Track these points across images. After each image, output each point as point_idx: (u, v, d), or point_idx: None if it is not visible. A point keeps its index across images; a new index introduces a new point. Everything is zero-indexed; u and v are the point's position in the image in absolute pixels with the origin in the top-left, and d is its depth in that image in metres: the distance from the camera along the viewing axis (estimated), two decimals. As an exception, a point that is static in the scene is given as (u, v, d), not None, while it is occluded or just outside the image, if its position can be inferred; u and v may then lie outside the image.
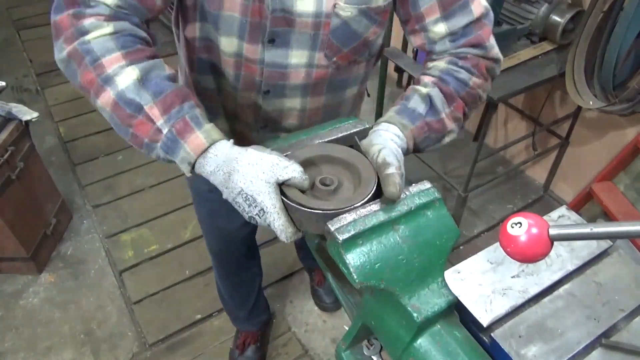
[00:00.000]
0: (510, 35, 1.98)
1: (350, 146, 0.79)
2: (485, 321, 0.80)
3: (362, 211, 0.66)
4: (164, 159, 0.77)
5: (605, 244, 0.92)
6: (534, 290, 0.85)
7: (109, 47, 0.74)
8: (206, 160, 0.73)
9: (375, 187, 0.70)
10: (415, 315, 0.64)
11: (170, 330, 2.02)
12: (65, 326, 2.05)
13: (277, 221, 0.68)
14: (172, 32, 1.03)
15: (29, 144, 2.13)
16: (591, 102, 1.87)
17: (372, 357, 0.82)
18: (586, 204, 2.28)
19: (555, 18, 1.96)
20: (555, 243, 0.57)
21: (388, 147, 0.75)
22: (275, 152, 0.72)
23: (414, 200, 0.68)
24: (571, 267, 0.88)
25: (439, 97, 0.86)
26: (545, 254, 0.57)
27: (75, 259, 2.31)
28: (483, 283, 0.86)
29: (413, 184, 0.71)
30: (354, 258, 0.63)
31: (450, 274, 0.87)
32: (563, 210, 0.99)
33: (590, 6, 1.79)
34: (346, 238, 0.63)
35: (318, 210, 0.67)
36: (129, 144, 0.77)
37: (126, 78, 0.73)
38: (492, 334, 0.79)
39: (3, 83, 2.00)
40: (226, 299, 1.75)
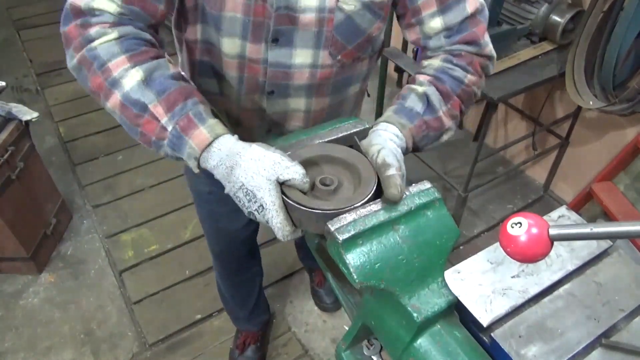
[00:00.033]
0: (510, 35, 1.98)
1: (350, 146, 0.79)
2: (485, 321, 0.80)
3: (362, 211, 0.66)
4: (172, 156, 0.78)
5: (605, 244, 0.92)
6: (534, 290, 0.85)
7: (114, 52, 0.76)
8: (210, 154, 0.73)
9: (375, 187, 0.70)
10: (415, 315, 0.64)
11: (170, 330, 2.02)
12: (65, 326, 2.05)
13: (276, 218, 0.68)
14: (172, 33, 1.03)
15: (29, 144, 2.13)
16: (591, 102, 1.87)
17: (372, 357, 0.82)
18: (586, 204, 2.28)
19: (555, 18, 1.96)
20: (555, 243, 0.57)
21: (387, 147, 0.75)
22: (279, 151, 0.72)
23: (414, 200, 0.68)
24: (571, 267, 0.88)
25: (436, 96, 0.87)
26: (545, 254, 0.57)
27: (75, 259, 2.31)
28: (483, 283, 0.86)
29: (413, 184, 0.71)
30: (354, 258, 0.63)
31: (450, 274, 0.87)
32: (563, 210, 0.99)
33: (590, 6, 1.79)
34: (346, 238, 0.63)
35: (318, 210, 0.67)
36: (129, 144, 0.78)
37: (131, 80, 0.75)
38: (492, 334, 0.79)
39: (3, 83, 2.00)
40: (227, 299, 1.75)
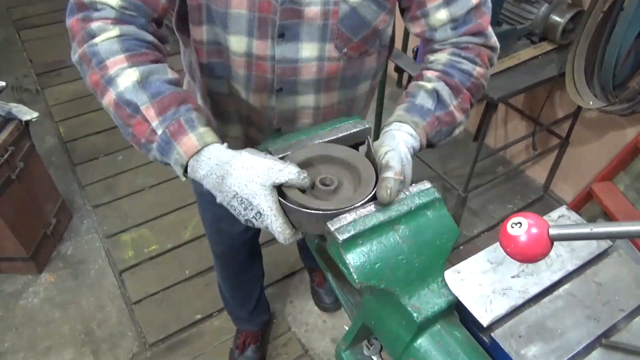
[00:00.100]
0: (510, 35, 1.98)
1: (358, 145, 0.79)
2: (485, 321, 0.80)
3: (362, 211, 0.66)
4: (161, 161, 0.78)
5: (605, 244, 0.92)
6: (534, 290, 0.85)
7: (114, 50, 0.76)
8: (199, 163, 0.72)
9: (375, 188, 0.70)
10: (415, 315, 0.64)
11: (170, 330, 2.02)
12: (65, 326, 2.05)
13: (275, 223, 0.68)
14: (174, 33, 1.03)
15: (29, 144, 2.13)
16: (591, 102, 1.87)
17: (372, 357, 0.82)
18: (586, 204, 2.28)
19: (555, 18, 1.96)
20: (555, 243, 0.57)
21: (397, 150, 0.75)
22: (269, 156, 0.72)
23: (414, 200, 0.68)
24: (571, 267, 0.88)
25: (446, 90, 0.87)
26: (545, 254, 0.57)
27: (75, 259, 2.31)
28: (483, 283, 0.86)
29: (413, 184, 0.71)
30: (354, 258, 0.63)
31: (450, 274, 0.87)
32: (563, 210, 0.98)
33: (590, 6, 1.79)
34: (346, 238, 0.63)
35: (318, 210, 0.67)
36: (129, 144, 0.78)
37: (126, 79, 0.75)
38: (492, 334, 0.79)
39: (3, 83, 2.00)
40: (227, 299, 1.75)
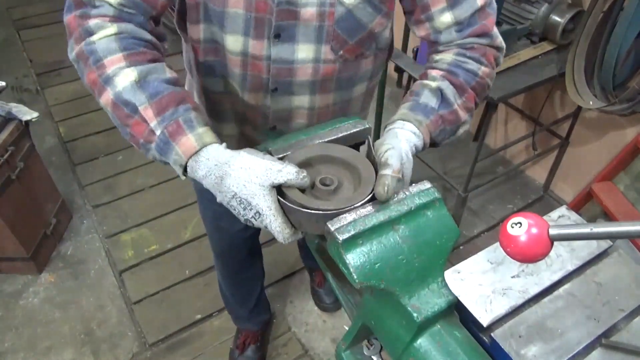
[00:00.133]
0: (510, 35, 1.98)
1: (359, 145, 0.79)
2: (485, 321, 0.80)
3: (362, 211, 0.66)
4: (160, 160, 0.78)
5: (605, 244, 0.92)
6: (534, 290, 0.85)
7: (112, 48, 0.76)
8: (198, 164, 0.73)
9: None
10: (415, 315, 0.64)
11: (170, 330, 2.02)
12: (65, 326, 2.05)
13: (274, 223, 0.68)
14: (174, 33, 1.03)
15: (29, 144, 2.13)
16: (591, 102, 1.87)
17: (372, 357, 0.82)
18: (586, 204, 2.28)
19: (555, 18, 1.96)
20: (555, 243, 0.57)
21: (397, 148, 0.74)
22: (268, 156, 0.72)
23: (414, 200, 0.68)
24: (571, 267, 0.88)
25: (450, 89, 0.87)
26: (545, 254, 0.57)
27: (75, 259, 2.31)
28: (483, 283, 0.86)
29: (413, 184, 0.71)
30: (354, 258, 0.63)
31: (450, 274, 0.87)
32: (563, 210, 0.98)
33: (590, 6, 1.79)
34: (346, 238, 0.63)
35: (318, 210, 0.67)
36: (129, 144, 0.78)
37: (124, 79, 0.74)
38: (492, 334, 0.79)
39: (3, 83, 2.00)
40: (228, 297, 1.75)
